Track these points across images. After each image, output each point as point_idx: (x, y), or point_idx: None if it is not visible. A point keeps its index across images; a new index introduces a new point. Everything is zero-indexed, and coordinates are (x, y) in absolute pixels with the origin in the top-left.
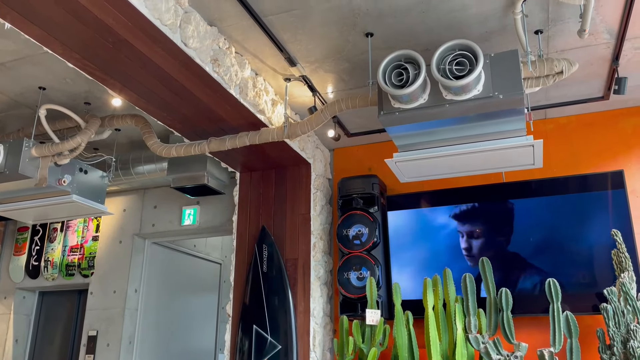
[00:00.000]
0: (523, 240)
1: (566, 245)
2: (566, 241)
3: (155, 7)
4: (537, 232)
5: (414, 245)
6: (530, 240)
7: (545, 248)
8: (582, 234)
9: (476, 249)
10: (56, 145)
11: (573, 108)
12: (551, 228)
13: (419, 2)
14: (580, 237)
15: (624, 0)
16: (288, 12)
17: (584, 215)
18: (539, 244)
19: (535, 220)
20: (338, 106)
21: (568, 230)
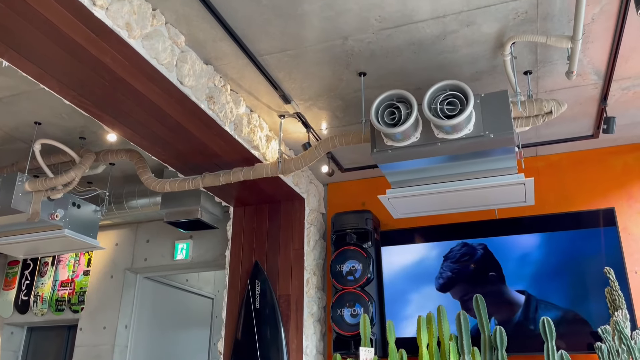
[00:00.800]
0: (516, 278)
1: (560, 282)
2: (560, 278)
3: (152, 47)
4: (530, 269)
5: (408, 281)
6: (523, 277)
7: (539, 285)
8: (575, 271)
9: (470, 285)
10: (50, 179)
11: (563, 146)
12: (544, 265)
13: (411, 43)
14: (573, 274)
15: (610, 43)
16: (283, 52)
17: (576, 252)
18: (532, 281)
19: (529, 257)
20: (332, 143)
21: (561, 267)
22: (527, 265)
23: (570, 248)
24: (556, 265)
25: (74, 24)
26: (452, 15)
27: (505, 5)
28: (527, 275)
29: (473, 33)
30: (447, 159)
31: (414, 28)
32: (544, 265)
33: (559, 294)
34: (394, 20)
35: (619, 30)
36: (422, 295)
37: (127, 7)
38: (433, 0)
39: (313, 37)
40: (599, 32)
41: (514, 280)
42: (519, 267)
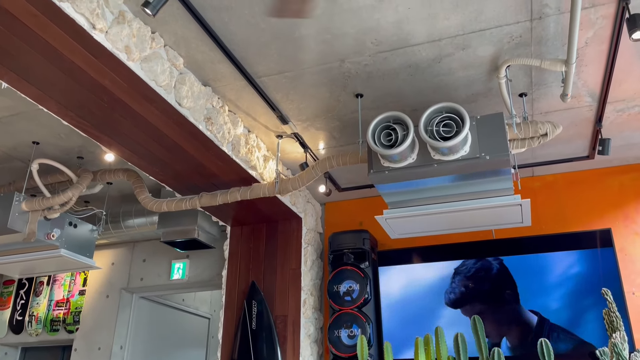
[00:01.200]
0: (513, 298)
1: (557, 303)
2: (557, 299)
3: (151, 69)
4: (527, 289)
5: (406, 302)
6: (520, 297)
7: (536, 306)
8: (572, 292)
9: (468, 306)
10: (47, 199)
11: (560, 166)
12: (542, 286)
13: (407, 66)
14: (571, 295)
15: (603, 66)
16: (280, 73)
17: (573, 273)
18: (529, 302)
19: (526, 277)
20: (329, 163)
21: (559, 288)
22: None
23: (568, 269)
24: (554, 286)
25: (74, 47)
26: (447, 39)
27: (499, 30)
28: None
29: (468, 56)
30: (443, 180)
31: (410, 51)
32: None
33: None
34: (390, 44)
35: (613, 53)
36: (420, 315)
37: (127, 31)
38: (428, 24)
39: (310, 59)
40: (592, 55)
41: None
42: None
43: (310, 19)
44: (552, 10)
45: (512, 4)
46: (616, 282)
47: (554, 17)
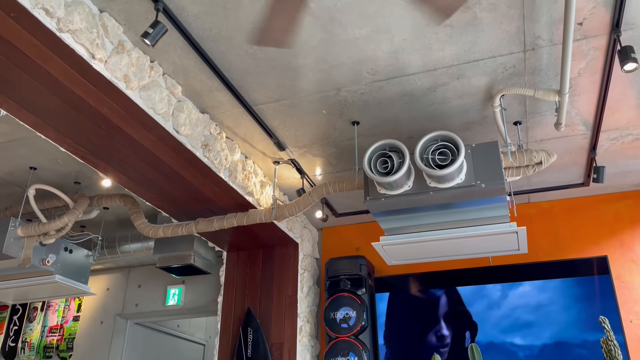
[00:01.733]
0: (511, 325)
1: (555, 331)
2: (555, 327)
3: (149, 97)
4: (525, 317)
5: (402, 329)
6: (518, 325)
7: (534, 333)
8: (570, 319)
9: (465, 333)
10: (43, 225)
11: (555, 193)
12: (539, 313)
13: (403, 94)
14: (568, 322)
15: (597, 96)
16: (278, 101)
17: (570, 300)
18: (527, 329)
19: (523, 304)
20: (325, 189)
21: (556, 315)
22: (522, 313)
23: (565, 296)
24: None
25: (73, 77)
26: (442, 69)
27: (493, 60)
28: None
29: (463, 86)
30: (439, 207)
31: (406, 80)
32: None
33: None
34: (385, 73)
35: (605, 83)
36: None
37: (126, 60)
38: (423, 54)
39: (307, 88)
40: (585, 85)
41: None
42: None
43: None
44: (545, 41)
45: (506, 36)
46: (613, 310)
47: (546, 48)
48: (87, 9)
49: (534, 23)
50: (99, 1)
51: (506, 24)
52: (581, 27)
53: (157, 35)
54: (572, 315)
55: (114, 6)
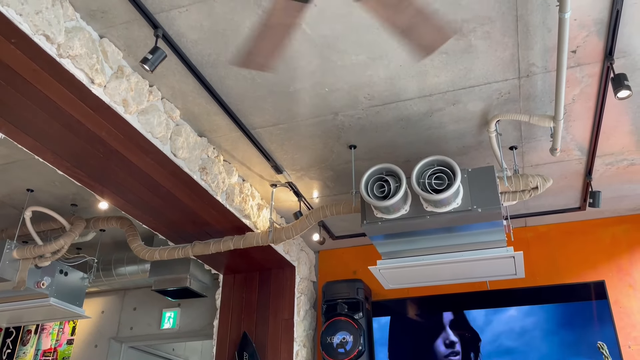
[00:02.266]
0: (509, 350)
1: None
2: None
3: (148, 122)
4: (523, 341)
5: (400, 354)
6: (516, 349)
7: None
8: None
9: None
10: (38, 247)
11: (552, 217)
12: (537, 338)
13: (399, 119)
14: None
15: (591, 122)
16: (275, 125)
17: (568, 325)
18: (525, 354)
19: (521, 329)
20: (323, 212)
21: (552, 340)
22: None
23: (563, 321)
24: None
25: (72, 101)
26: (438, 94)
27: (488, 87)
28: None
29: (459, 111)
30: (436, 232)
31: (402, 105)
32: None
33: None
34: (382, 98)
35: (600, 110)
36: None
37: (125, 85)
38: (419, 80)
39: (305, 112)
40: (580, 111)
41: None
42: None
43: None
44: (539, 68)
45: (500, 63)
46: (611, 336)
47: (540, 75)
48: (88, 35)
49: (528, 51)
50: (100, 27)
51: (501, 51)
52: (575, 55)
53: (157, 61)
54: (570, 340)
55: (114, 32)
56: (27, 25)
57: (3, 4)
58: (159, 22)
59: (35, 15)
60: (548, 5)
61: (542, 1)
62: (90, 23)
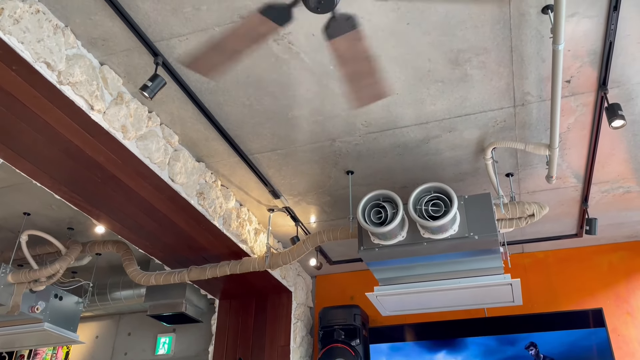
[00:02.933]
0: None
1: None
2: None
3: (146, 147)
4: None
5: None
6: None
7: None
8: None
9: None
10: (34, 271)
11: (549, 244)
12: None
13: (396, 146)
14: None
15: (586, 150)
16: (273, 151)
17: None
18: None
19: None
20: (320, 238)
21: None
22: None
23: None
24: None
25: (72, 127)
26: (434, 122)
27: (484, 115)
28: None
29: (455, 138)
30: (433, 258)
31: (399, 132)
32: None
33: None
34: (379, 125)
35: (594, 138)
36: None
37: (124, 111)
38: (416, 108)
39: (302, 138)
40: (575, 139)
41: None
42: None
43: (303, 102)
44: (534, 97)
45: (496, 92)
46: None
47: (535, 104)
48: (88, 62)
49: (522, 80)
50: (100, 54)
51: (496, 80)
52: (569, 85)
53: (156, 88)
54: None
55: (114, 59)
56: (28, 53)
57: (5, 32)
58: (159, 50)
59: (36, 43)
60: (542, 36)
61: (536, 33)
62: (91, 50)
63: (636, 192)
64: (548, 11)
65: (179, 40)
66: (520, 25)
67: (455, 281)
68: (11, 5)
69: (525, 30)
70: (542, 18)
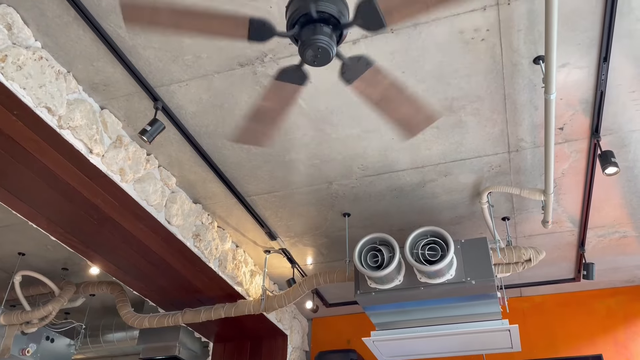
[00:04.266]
0: None
1: None
2: None
3: (143, 190)
4: None
5: None
6: None
7: None
8: None
9: None
10: (26, 313)
11: (547, 288)
12: None
13: (392, 189)
14: None
15: (581, 195)
16: (270, 193)
17: None
18: None
19: None
20: (316, 280)
21: None
22: None
23: None
24: None
25: (70, 170)
26: (430, 166)
27: (479, 160)
28: None
29: (451, 182)
30: (430, 303)
31: (395, 176)
32: None
33: None
34: (375, 169)
35: (589, 184)
36: None
37: (123, 154)
38: (412, 152)
39: (299, 181)
40: (570, 185)
41: None
42: None
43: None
44: (528, 144)
45: (490, 138)
46: None
47: (530, 150)
48: (89, 107)
49: (516, 127)
50: (101, 99)
51: (490, 126)
52: (562, 132)
53: (155, 132)
54: None
55: (115, 103)
56: (30, 98)
57: (8, 79)
58: (159, 95)
59: (38, 89)
60: (534, 85)
61: (528, 82)
62: (92, 95)
63: (632, 236)
64: (539, 61)
65: (179, 86)
66: (513, 75)
67: (453, 326)
68: (15, 52)
69: (517, 79)
70: (534, 68)
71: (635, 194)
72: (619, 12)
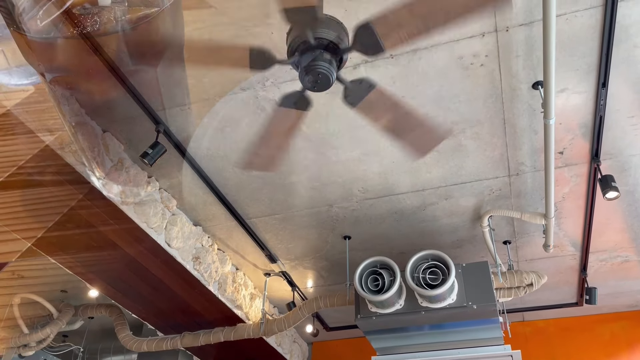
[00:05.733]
0: None
1: None
2: None
3: (144, 212)
4: None
5: None
6: None
7: None
8: None
9: None
10: (24, 336)
11: (550, 312)
12: None
13: (393, 212)
14: None
15: (582, 219)
16: (270, 215)
17: None
18: None
19: None
20: (316, 304)
21: None
22: None
23: None
24: None
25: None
26: (430, 189)
27: (479, 183)
28: None
29: (452, 205)
30: (431, 327)
31: (395, 199)
32: None
33: None
34: (376, 192)
35: (590, 208)
36: None
37: (124, 177)
38: (412, 176)
39: (300, 203)
40: (571, 209)
41: None
42: None
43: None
44: (528, 167)
45: (490, 162)
46: None
47: (530, 173)
48: (91, 129)
49: (516, 151)
50: (104, 122)
51: (490, 150)
52: (562, 156)
53: (156, 155)
54: None
55: (116, 127)
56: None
57: None
58: (161, 119)
59: None
60: (534, 110)
61: (527, 107)
62: (94, 118)
63: (635, 261)
64: (538, 87)
65: (181, 109)
66: (512, 100)
67: (455, 352)
68: None
69: (517, 104)
70: (533, 93)
71: (637, 218)
72: (617, 39)
